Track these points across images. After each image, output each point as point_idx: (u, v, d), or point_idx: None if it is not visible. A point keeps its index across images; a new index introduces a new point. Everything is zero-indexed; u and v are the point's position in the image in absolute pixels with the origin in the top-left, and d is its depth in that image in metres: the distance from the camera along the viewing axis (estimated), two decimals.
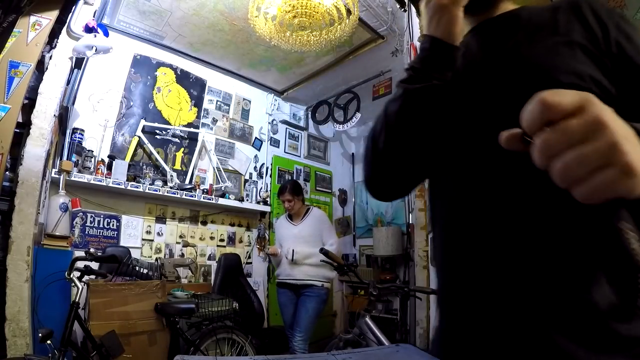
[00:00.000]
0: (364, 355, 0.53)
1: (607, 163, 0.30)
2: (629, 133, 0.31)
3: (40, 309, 2.03)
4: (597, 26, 0.54)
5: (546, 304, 0.48)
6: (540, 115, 0.31)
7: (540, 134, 0.32)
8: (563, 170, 0.31)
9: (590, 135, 0.30)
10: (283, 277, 2.83)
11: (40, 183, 2.05)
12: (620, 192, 0.30)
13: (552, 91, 0.31)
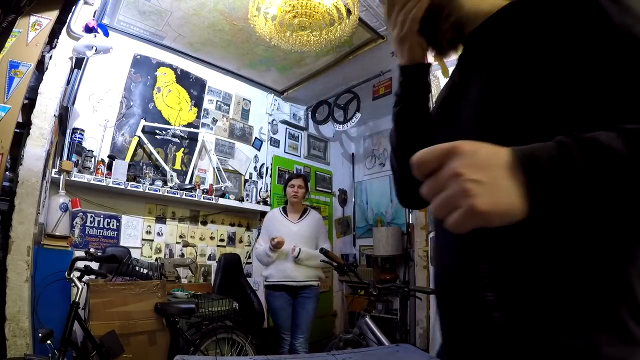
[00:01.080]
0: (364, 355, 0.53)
1: (457, 206, 0.38)
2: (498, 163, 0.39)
3: (40, 309, 2.03)
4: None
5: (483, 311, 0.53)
6: (415, 171, 0.42)
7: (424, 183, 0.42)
8: (434, 211, 0.41)
9: (447, 185, 0.39)
10: (278, 279, 2.65)
11: (40, 183, 2.05)
12: (474, 225, 0.38)
13: (423, 151, 0.41)
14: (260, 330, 3.15)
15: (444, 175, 0.40)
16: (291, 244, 2.66)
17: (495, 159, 0.40)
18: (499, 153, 0.40)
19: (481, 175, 0.38)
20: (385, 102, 4.19)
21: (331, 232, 4.75)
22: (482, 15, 0.63)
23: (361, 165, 5.03)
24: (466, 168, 0.38)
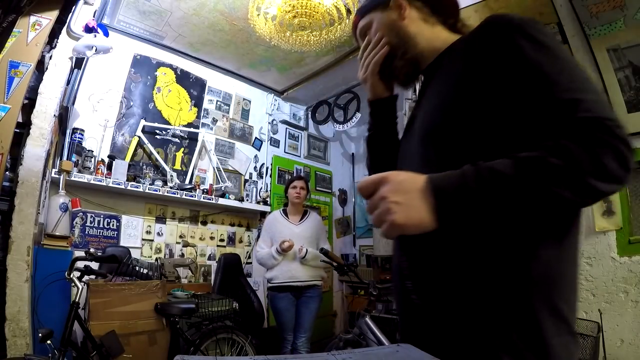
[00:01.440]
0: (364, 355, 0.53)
1: (384, 221, 0.54)
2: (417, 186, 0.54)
3: (40, 309, 2.03)
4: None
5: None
6: (360, 194, 0.58)
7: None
8: (373, 222, 0.56)
9: (378, 205, 0.55)
10: (283, 280, 2.65)
11: (40, 183, 2.05)
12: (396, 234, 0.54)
13: (363, 179, 0.58)
14: (260, 330, 3.15)
15: (376, 198, 0.55)
16: (295, 245, 2.67)
17: (413, 185, 0.54)
18: (417, 181, 0.55)
19: (400, 198, 0.53)
20: None
21: (331, 232, 4.75)
22: (436, 51, 0.76)
23: (361, 165, 5.02)
24: (390, 193, 0.54)
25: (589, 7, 1.73)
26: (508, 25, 0.60)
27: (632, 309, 1.47)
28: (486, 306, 0.57)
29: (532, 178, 0.49)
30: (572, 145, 0.49)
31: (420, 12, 0.80)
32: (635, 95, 1.60)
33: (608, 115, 0.51)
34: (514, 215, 0.52)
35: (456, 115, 0.63)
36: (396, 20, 0.79)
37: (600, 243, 1.57)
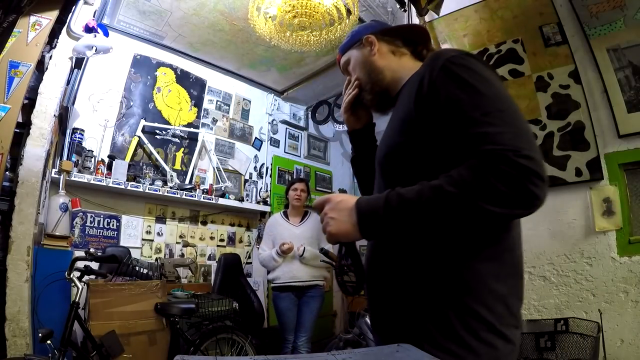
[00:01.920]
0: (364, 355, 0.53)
1: (325, 230, 0.72)
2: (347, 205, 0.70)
3: (40, 309, 2.03)
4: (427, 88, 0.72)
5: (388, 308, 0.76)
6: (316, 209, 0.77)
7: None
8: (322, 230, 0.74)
9: (323, 219, 0.74)
10: (285, 280, 2.66)
11: (40, 183, 2.05)
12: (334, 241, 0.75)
13: (318, 198, 0.77)
14: (260, 330, 3.15)
15: (322, 213, 0.74)
16: (295, 246, 2.69)
17: (345, 205, 0.70)
18: (349, 202, 0.70)
19: (335, 214, 0.71)
20: None
21: None
22: (401, 81, 0.85)
23: None
24: (329, 210, 0.72)
25: (589, 7, 1.73)
26: (441, 65, 0.69)
27: (632, 309, 1.47)
28: (415, 303, 0.69)
29: (429, 204, 0.60)
30: (469, 174, 0.58)
31: (391, 45, 0.90)
32: (635, 95, 1.60)
33: (512, 146, 0.58)
34: (425, 232, 0.64)
35: (398, 146, 0.75)
36: (368, 56, 0.91)
37: (600, 243, 1.57)
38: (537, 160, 0.58)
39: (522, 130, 0.62)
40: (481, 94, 0.65)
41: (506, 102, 0.65)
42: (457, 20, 2.08)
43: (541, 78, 1.79)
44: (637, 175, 1.59)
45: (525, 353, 1.36)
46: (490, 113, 0.62)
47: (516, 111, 0.65)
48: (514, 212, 0.59)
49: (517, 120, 0.63)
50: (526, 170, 0.56)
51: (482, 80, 0.66)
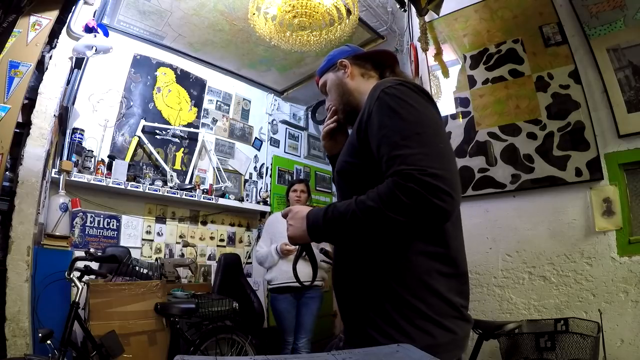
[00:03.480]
0: (364, 355, 0.53)
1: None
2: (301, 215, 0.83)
3: (40, 309, 2.03)
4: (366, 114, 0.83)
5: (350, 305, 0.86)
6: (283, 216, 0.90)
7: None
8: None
9: (287, 226, 0.86)
10: (283, 281, 2.64)
11: (40, 183, 2.05)
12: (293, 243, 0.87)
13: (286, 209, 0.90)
14: (260, 330, 3.15)
15: (287, 221, 0.87)
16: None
17: (300, 215, 0.83)
18: (303, 212, 0.83)
19: (293, 222, 0.84)
20: None
21: None
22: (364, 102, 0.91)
23: None
24: (289, 219, 0.86)
25: (589, 7, 1.72)
26: (377, 95, 0.80)
27: (632, 309, 1.47)
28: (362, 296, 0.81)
29: (354, 215, 0.72)
30: (384, 189, 0.69)
31: (362, 68, 1.00)
32: (635, 95, 1.59)
33: (420, 166, 0.68)
34: (359, 238, 0.75)
35: (346, 165, 0.88)
36: (342, 78, 1.00)
37: (600, 243, 1.57)
38: (444, 177, 0.67)
39: (434, 151, 0.71)
40: (403, 119, 0.75)
41: (425, 126, 0.75)
42: (457, 20, 2.08)
43: (541, 78, 1.79)
44: (637, 175, 1.59)
45: (525, 353, 1.36)
46: (409, 137, 0.72)
47: (434, 133, 0.75)
48: (418, 221, 0.68)
49: (432, 142, 0.72)
50: (430, 187, 0.66)
51: (407, 106, 0.76)
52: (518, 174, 1.76)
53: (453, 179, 0.69)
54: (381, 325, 0.75)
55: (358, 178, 0.83)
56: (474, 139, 1.90)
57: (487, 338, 1.49)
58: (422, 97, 0.80)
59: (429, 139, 0.72)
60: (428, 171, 0.67)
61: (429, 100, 0.81)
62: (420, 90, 0.82)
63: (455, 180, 0.70)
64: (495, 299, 1.74)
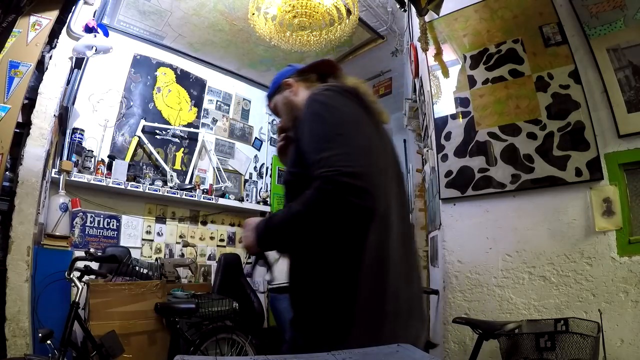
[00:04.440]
0: (364, 355, 0.53)
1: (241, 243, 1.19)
2: (252, 226, 0.83)
3: (40, 309, 2.03)
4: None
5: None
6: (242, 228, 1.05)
7: None
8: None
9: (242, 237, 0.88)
10: (283, 280, 2.70)
11: (40, 183, 2.05)
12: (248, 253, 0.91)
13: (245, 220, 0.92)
14: (260, 330, 3.15)
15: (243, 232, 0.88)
16: None
17: (251, 227, 0.83)
18: (254, 223, 0.84)
19: (246, 232, 0.85)
20: (386, 102, 4.18)
21: None
22: None
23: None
24: (244, 229, 0.87)
25: (589, 7, 1.72)
26: (306, 102, 0.83)
27: (632, 309, 1.47)
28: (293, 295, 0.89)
29: (287, 221, 0.77)
30: (310, 193, 0.71)
31: (307, 82, 1.02)
32: (635, 95, 1.59)
33: (337, 166, 0.68)
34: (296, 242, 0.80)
35: (291, 175, 0.88)
36: (288, 97, 1.02)
37: (600, 243, 1.57)
38: (361, 175, 0.67)
39: (352, 151, 0.72)
40: (327, 123, 0.76)
41: (346, 126, 0.75)
42: (457, 20, 2.08)
43: (541, 78, 1.79)
44: (637, 175, 1.59)
45: (525, 353, 1.36)
46: (331, 139, 0.73)
47: (356, 131, 0.75)
48: (341, 222, 0.70)
49: (352, 141, 0.73)
50: (346, 186, 0.66)
51: (331, 109, 0.78)
52: (518, 174, 1.76)
53: (372, 175, 0.69)
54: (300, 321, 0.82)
55: (301, 186, 0.80)
56: (474, 139, 1.90)
57: (487, 338, 1.49)
58: (347, 98, 0.81)
59: (349, 138, 0.73)
60: (344, 171, 0.67)
61: (355, 99, 0.82)
62: (346, 90, 0.83)
63: (376, 176, 0.71)
64: (495, 299, 1.74)
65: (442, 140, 2.01)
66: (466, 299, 1.81)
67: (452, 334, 1.80)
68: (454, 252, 1.89)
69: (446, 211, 1.95)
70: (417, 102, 2.67)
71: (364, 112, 0.82)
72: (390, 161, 0.87)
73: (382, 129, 0.90)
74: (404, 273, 0.80)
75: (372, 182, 0.68)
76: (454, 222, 1.92)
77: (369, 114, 0.83)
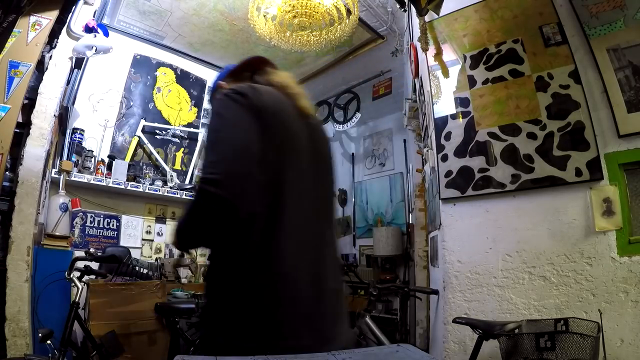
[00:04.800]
0: (364, 355, 0.53)
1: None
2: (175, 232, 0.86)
3: (40, 309, 2.03)
4: None
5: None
6: None
7: None
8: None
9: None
10: None
11: (40, 183, 2.05)
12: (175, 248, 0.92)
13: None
14: None
15: None
16: None
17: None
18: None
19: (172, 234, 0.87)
20: (385, 102, 4.19)
21: None
22: None
23: (361, 165, 5.03)
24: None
25: (589, 7, 1.72)
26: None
27: (632, 309, 1.47)
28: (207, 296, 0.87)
29: (178, 224, 0.82)
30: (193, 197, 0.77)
31: (239, 80, 0.99)
32: (635, 95, 1.59)
33: (205, 174, 0.73)
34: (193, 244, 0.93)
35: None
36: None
37: (600, 243, 1.57)
38: (223, 183, 0.71)
39: (221, 157, 0.75)
40: (212, 130, 0.81)
41: (225, 131, 0.78)
42: (457, 20, 2.08)
43: (541, 78, 1.79)
44: (637, 175, 1.59)
45: (525, 353, 1.36)
46: (212, 145, 0.78)
47: (231, 138, 0.77)
48: (208, 224, 0.75)
49: (224, 149, 0.76)
50: (208, 194, 0.71)
51: (217, 116, 0.81)
52: (518, 174, 1.76)
53: (234, 182, 0.72)
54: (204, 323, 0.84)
55: None
56: (474, 139, 1.90)
57: (487, 338, 1.49)
58: (232, 100, 0.81)
59: (223, 145, 0.76)
60: (209, 178, 0.72)
61: (240, 97, 0.81)
62: (238, 92, 0.82)
63: (238, 178, 0.73)
64: (495, 299, 1.73)
65: (442, 140, 2.01)
66: (466, 299, 1.81)
67: (452, 334, 1.80)
68: (454, 252, 1.89)
69: (446, 211, 1.95)
70: (417, 102, 2.67)
71: (249, 111, 0.80)
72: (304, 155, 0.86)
73: (303, 124, 0.89)
74: (309, 273, 0.80)
75: (233, 189, 0.71)
76: (454, 222, 1.92)
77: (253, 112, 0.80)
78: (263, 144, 0.77)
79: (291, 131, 0.85)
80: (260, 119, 0.79)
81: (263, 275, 0.76)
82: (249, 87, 0.84)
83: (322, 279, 0.82)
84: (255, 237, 0.76)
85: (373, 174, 4.86)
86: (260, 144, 0.77)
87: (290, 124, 0.86)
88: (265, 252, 0.76)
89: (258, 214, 0.75)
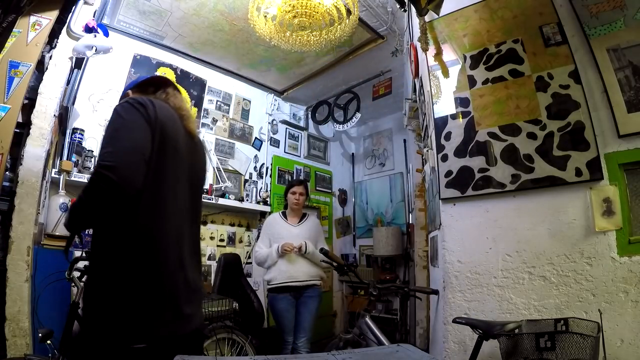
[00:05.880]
0: (364, 355, 0.53)
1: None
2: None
3: (40, 309, 2.03)
4: None
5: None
6: None
7: None
8: None
9: None
10: (282, 280, 2.65)
11: (40, 183, 2.05)
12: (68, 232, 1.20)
13: None
14: (260, 330, 3.15)
15: None
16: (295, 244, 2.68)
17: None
18: None
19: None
20: (385, 102, 4.19)
21: (331, 232, 4.75)
22: None
23: (361, 165, 5.03)
24: None
25: (589, 7, 1.72)
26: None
27: (632, 309, 1.47)
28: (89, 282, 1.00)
29: (74, 204, 0.97)
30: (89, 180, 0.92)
31: (144, 93, 1.17)
32: (635, 95, 1.59)
33: (100, 160, 0.90)
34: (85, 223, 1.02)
35: None
36: None
37: (600, 243, 1.57)
38: (115, 168, 0.87)
39: (116, 148, 0.92)
40: (111, 127, 0.97)
41: (123, 130, 0.95)
42: (457, 20, 2.08)
43: (541, 78, 1.79)
44: (637, 175, 1.59)
45: (525, 353, 1.36)
46: (110, 138, 0.94)
47: (127, 136, 0.94)
48: (101, 203, 0.89)
49: (119, 141, 0.93)
50: (102, 176, 0.87)
51: (117, 117, 0.97)
52: (518, 174, 1.76)
53: (124, 168, 0.89)
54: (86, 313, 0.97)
55: None
56: (474, 139, 1.90)
57: (487, 338, 1.49)
58: (133, 107, 0.98)
59: (117, 139, 0.94)
60: (103, 164, 0.88)
61: (140, 107, 0.99)
62: (139, 102, 1.00)
63: (129, 168, 0.90)
64: (495, 299, 1.73)
65: (442, 140, 2.01)
66: (466, 299, 1.81)
67: (452, 334, 1.80)
68: (454, 252, 1.89)
69: (446, 211, 1.95)
70: (417, 102, 2.67)
71: (146, 115, 0.99)
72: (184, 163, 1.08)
73: (186, 140, 1.11)
74: (182, 257, 1.01)
75: (124, 173, 0.88)
76: (454, 222, 1.92)
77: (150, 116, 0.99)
78: (151, 147, 0.96)
79: (176, 144, 1.05)
80: (152, 127, 0.98)
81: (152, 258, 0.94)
82: (149, 100, 1.02)
83: (192, 264, 1.05)
84: (142, 221, 0.94)
85: (373, 174, 4.86)
86: (149, 145, 0.96)
87: (176, 138, 1.05)
88: (152, 236, 0.95)
89: (142, 200, 0.93)
